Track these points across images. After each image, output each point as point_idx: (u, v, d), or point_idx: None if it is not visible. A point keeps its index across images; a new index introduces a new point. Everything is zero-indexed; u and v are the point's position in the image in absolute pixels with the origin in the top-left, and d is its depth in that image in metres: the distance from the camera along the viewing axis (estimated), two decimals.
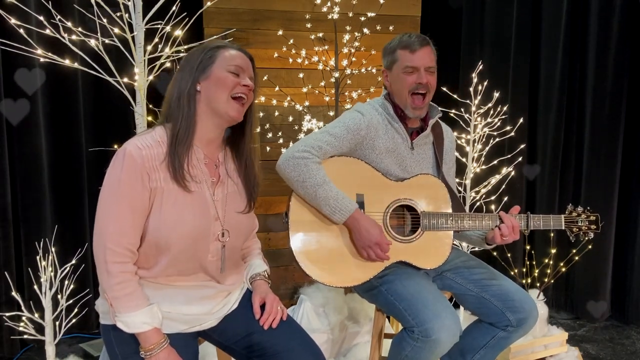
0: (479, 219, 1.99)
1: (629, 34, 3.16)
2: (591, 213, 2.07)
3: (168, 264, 1.49)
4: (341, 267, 1.92)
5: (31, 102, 2.76)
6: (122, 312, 1.44)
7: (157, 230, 1.46)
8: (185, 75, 1.53)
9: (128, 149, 1.45)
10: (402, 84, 2.00)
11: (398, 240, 1.96)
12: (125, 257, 1.45)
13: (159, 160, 1.47)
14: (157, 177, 1.46)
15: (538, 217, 2.01)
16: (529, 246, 3.42)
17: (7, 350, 2.78)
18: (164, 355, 1.46)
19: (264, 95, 2.98)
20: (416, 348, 1.80)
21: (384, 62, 2.10)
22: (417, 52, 1.99)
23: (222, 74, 1.53)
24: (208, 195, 1.55)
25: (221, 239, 1.57)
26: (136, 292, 1.46)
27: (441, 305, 1.81)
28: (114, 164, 1.46)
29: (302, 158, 1.86)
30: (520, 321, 1.94)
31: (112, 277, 1.43)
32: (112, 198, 1.44)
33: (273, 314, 1.64)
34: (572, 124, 3.39)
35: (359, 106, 2.08)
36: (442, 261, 1.99)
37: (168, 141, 1.49)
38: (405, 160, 2.04)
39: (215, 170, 1.59)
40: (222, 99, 1.52)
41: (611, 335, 3.20)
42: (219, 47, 1.56)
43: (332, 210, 1.85)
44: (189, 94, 1.52)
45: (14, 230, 2.76)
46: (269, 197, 3.04)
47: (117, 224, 1.43)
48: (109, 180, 1.46)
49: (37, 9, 2.50)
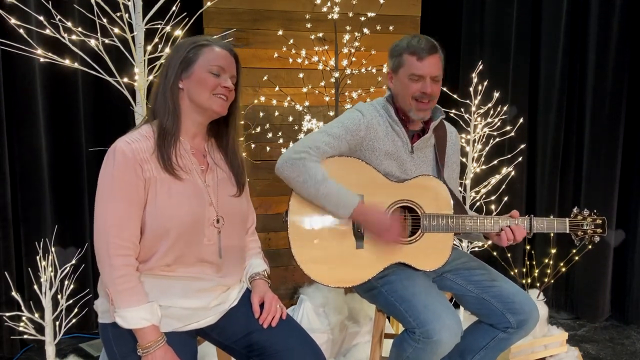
0: (481, 221, 1.97)
1: (629, 34, 3.16)
2: (597, 216, 2.02)
3: (167, 250, 1.51)
4: (340, 268, 1.91)
5: (31, 102, 2.76)
6: (122, 307, 1.45)
7: (155, 218, 1.49)
8: (169, 71, 1.57)
9: (118, 146, 1.49)
10: (406, 90, 1.97)
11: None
12: (128, 250, 1.48)
13: (149, 152, 1.51)
14: (150, 168, 1.50)
15: (542, 220, 1.98)
16: (529, 246, 3.42)
17: (7, 350, 2.78)
18: (160, 354, 1.46)
19: (264, 95, 2.98)
20: (418, 349, 1.80)
21: (389, 63, 2.04)
22: (425, 61, 1.93)
23: (202, 74, 1.56)
24: (200, 182, 1.59)
25: (216, 225, 1.60)
26: (137, 288, 1.48)
27: (442, 306, 1.81)
28: (106, 162, 1.50)
29: (300, 158, 1.85)
30: (520, 323, 1.94)
31: (115, 270, 1.45)
32: (109, 194, 1.47)
33: (272, 312, 1.64)
34: (572, 124, 3.39)
35: (360, 106, 2.05)
36: (442, 263, 1.99)
37: (155, 135, 1.54)
38: (406, 163, 2.02)
39: (204, 159, 1.63)
40: (204, 97, 1.57)
41: (611, 335, 3.20)
42: (203, 44, 1.58)
43: (336, 205, 1.85)
44: (172, 92, 1.56)
45: (14, 230, 2.76)
46: (268, 197, 3.04)
47: (116, 218, 1.46)
48: (103, 178, 1.49)
49: (37, 9, 2.49)
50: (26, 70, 2.72)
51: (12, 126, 2.74)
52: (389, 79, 2.06)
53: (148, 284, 1.51)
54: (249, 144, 2.97)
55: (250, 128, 2.96)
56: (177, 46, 1.61)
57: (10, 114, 2.72)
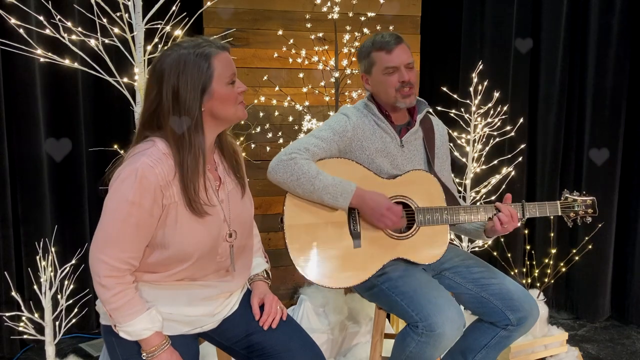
0: (474, 211, 1.99)
1: (629, 33, 3.16)
2: (587, 197, 2.07)
3: (183, 270, 1.49)
4: (340, 269, 1.91)
5: (31, 102, 2.76)
6: (122, 323, 1.44)
7: (177, 242, 1.45)
8: (187, 96, 1.41)
9: (140, 170, 1.38)
10: (386, 85, 2.01)
11: (394, 237, 1.97)
12: (123, 272, 1.43)
13: (171, 175, 1.42)
14: (171, 194, 1.42)
15: (533, 204, 2.02)
16: (529, 246, 3.42)
17: (7, 350, 2.78)
18: (165, 357, 1.46)
19: (264, 95, 2.98)
20: (421, 343, 1.80)
21: (360, 67, 2.10)
22: (394, 52, 1.99)
23: (223, 90, 1.45)
24: (216, 201, 1.53)
25: (229, 240, 1.56)
26: (134, 299, 1.44)
27: (444, 299, 1.82)
28: (124, 182, 1.39)
29: (290, 159, 1.88)
30: (520, 320, 1.94)
31: (108, 290, 1.42)
32: (119, 216, 1.39)
33: (272, 314, 1.64)
34: (572, 124, 3.39)
35: (344, 109, 2.10)
36: (440, 254, 1.99)
37: (176, 168, 1.43)
38: (397, 158, 2.05)
39: (216, 172, 1.57)
40: (230, 112, 1.48)
41: (611, 335, 3.20)
42: (207, 55, 1.43)
43: (334, 196, 1.86)
44: (195, 123, 1.42)
45: (14, 230, 2.76)
46: (268, 197, 3.04)
47: (118, 242, 1.40)
48: (118, 197, 1.40)
49: (37, 9, 2.49)
50: (26, 70, 2.71)
51: (12, 126, 2.73)
52: (364, 82, 2.10)
53: (152, 294, 1.50)
54: (249, 144, 2.97)
55: (250, 128, 2.96)
56: (179, 61, 1.41)
57: (10, 114, 2.72)
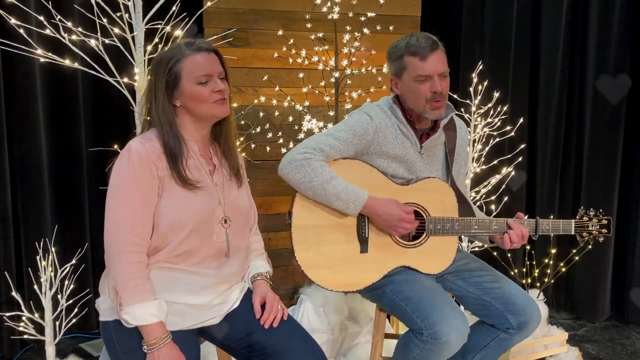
0: (486, 225, 1.96)
1: (629, 33, 3.16)
2: (603, 217, 2.00)
3: (179, 243, 1.53)
4: (345, 272, 1.90)
5: (31, 102, 2.76)
6: (130, 303, 1.45)
7: (171, 210, 1.52)
8: (157, 94, 1.57)
9: (132, 146, 1.52)
10: (416, 94, 1.88)
11: (402, 244, 1.95)
12: (140, 247, 1.49)
13: (161, 150, 1.54)
14: (163, 166, 1.53)
15: (547, 222, 1.98)
16: (529, 246, 3.41)
17: (7, 350, 2.78)
18: (166, 350, 1.46)
19: (264, 95, 2.98)
20: (425, 350, 1.78)
21: (390, 68, 1.95)
22: (429, 59, 1.85)
23: (192, 89, 1.56)
24: (209, 181, 1.61)
25: (224, 225, 1.62)
26: (147, 285, 1.49)
27: (449, 307, 1.80)
28: (120, 160, 1.52)
29: (304, 159, 1.83)
30: (521, 324, 1.93)
31: (126, 266, 1.47)
32: (123, 191, 1.49)
33: (273, 313, 1.65)
34: (572, 123, 3.38)
35: (368, 108, 1.98)
36: (447, 265, 1.98)
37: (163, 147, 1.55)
38: (414, 164, 1.98)
39: (210, 161, 1.66)
40: (204, 109, 1.58)
41: (611, 335, 3.20)
42: (179, 59, 1.55)
43: (345, 203, 1.83)
44: (165, 113, 1.56)
45: (14, 230, 2.76)
46: (269, 197, 3.04)
47: (130, 215, 1.48)
48: (118, 175, 1.51)
49: (37, 9, 2.49)
50: (26, 70, 2.71)
51: (12, 126, 2.73)
52: (392, 84, 1.96)
53: (154, 277, 1.53)
54: (249, 144, 2.97)
55: (250, 128, 2.96)
56: (155, 66, 1.59)
57: (10, 114, 2.72)
